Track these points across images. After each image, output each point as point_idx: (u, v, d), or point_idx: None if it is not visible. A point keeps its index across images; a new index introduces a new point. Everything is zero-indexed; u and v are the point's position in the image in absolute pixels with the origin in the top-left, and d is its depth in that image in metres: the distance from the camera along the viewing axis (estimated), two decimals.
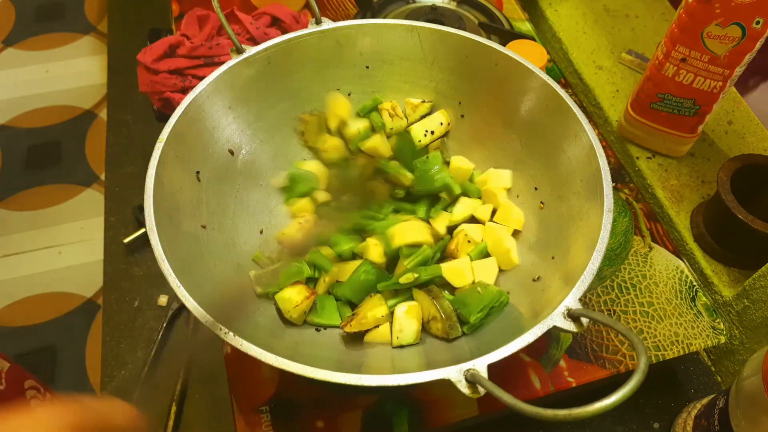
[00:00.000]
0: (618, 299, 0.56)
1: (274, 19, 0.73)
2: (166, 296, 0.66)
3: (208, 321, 0.39)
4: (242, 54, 0.52)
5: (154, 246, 0.41)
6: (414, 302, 0.49)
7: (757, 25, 0.53)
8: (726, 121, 0.72)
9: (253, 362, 0.36)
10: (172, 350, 0.62)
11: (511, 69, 0.53)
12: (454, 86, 0.58)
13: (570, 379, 0.51)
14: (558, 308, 0.38)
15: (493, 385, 0.34)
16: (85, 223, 1.44)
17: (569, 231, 0.48)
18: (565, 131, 0.50)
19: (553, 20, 0.85)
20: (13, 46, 1.81)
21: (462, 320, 0.47)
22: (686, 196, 0.67)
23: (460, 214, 0.54)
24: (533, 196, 0.53)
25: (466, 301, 0.47)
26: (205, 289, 0.42)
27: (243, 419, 0.49)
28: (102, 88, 1.70)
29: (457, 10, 0.81)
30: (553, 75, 0.76)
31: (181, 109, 0.49)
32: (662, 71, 0.62)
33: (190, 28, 0.71)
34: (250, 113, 0.55)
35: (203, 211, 0.50)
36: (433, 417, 0.50)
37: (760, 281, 0.54)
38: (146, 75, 0.67)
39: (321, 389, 0.50)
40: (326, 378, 0.36)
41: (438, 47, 0.56)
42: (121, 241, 0.70)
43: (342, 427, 0.49)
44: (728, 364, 0.60)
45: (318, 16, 0.55)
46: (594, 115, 0.78)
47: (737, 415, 0.45)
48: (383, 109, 0.58)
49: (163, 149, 0.47)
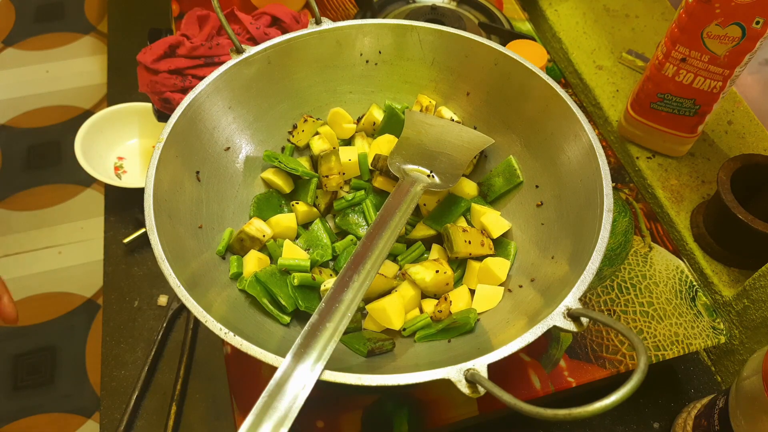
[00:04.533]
0: (618, 299, 0.56)
1: (274, 19, 0.73)
2: (166, 296, 0.66)
3: (209, 321, 0.39)
4: (242, 54, 0.52)
5: (154, 246, 0.41)
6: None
7: (757, 25, 0.53)
8: (726, 121, 0.72)
9: (253, 362, 0.36)
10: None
11: (511, 69, 0.53)
12: (454, 86, 0.58)
13: (570, 379, 0.51)
14: (558, 308, 0.38)
15: (493, 385, 0.34)
16: (85, 223, 1.44)
17: (569, 231, 0.48)
18: (565, 131, 0.50)
19: (553, 20, 0.85)
20: (13, 46, 1.81)
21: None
22: (686, 196, 0.67)
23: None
24: (533, 196, 0.53)
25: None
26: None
27: (243, 419, 0.49)
28: (102, 88, 1.70)
29: (457, 10, 0.81)
30: (553, 75, 0.76)
31: (181, 109, 0.49)
32: (662, 71, 0.62)
33: (190, 28, 0.71)
34: (250, 113, 0.55)
35: (203, 211, 0.50)
36: (433, 417, 0.50)
37: (760, 281, 0.54)
38: (146, 75, 0.67)
39: (321, 389, 0.50)
40: (326, 378, 0.37)
41: (438, 47, 0.56)
42: (121, 241, 0.70)
43: (342, 427, 0.49)
44: (728, 364, 0.60)
45: (318, 16, 0.55)
46: (594, 115, 0.78)
47: (737, 415, 0.45)
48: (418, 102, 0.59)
49: (163, 149, 0.47)
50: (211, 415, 0.59)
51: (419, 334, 0.48)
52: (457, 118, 0.58)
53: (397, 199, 0.48)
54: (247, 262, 0.50)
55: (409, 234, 0.55)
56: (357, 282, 0.42)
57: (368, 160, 0.57)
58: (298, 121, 0.58)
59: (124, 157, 0.78)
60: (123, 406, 0.59)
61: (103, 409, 0.59)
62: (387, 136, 0.58)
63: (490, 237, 0.53)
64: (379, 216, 0.46)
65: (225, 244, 0.50)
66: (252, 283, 0.47)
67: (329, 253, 0.53)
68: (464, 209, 0.55)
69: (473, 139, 0.56)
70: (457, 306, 0.49)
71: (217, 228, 0.51)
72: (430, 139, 0.55)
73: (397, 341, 0.48)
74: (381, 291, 0.50)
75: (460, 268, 0.53)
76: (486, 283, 0.50)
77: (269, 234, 0.52)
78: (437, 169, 0.53)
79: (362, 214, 0.55)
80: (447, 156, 0.54)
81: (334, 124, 0.59)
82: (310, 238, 0.54)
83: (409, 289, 0.49)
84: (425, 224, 0.54)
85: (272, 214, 0.54)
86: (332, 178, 0.54)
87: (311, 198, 0.55)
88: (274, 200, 0.56)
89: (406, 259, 0.53)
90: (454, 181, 0.52)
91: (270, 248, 0.52)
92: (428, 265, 0.49)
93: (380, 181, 0.56)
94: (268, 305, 0.47)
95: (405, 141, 0.55)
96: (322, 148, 0.56)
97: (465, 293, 0.50)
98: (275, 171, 0.56)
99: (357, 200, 0.55)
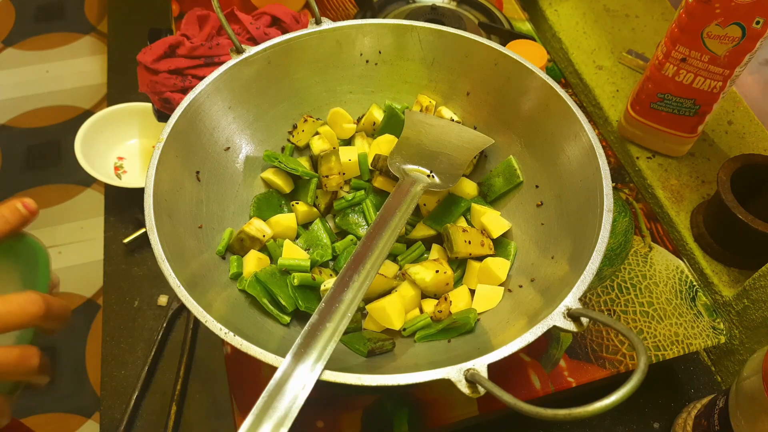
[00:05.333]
0: (618, 299, 0.56)
1: (274, 19, 0.73)
2: (166, 296, 0.66)
3: (209, 321, 0.39)
4: (242, 54, 0.52)
5: (154, 246, 0.41)
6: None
7: (757, 25, 0.53)
8: (726, 121, 0.72)
9: (253, 362, 0.36)
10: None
11: (511, 69, 0.53)
12: (454, 86, 0.58)
13: (570, 379, 0.51)
14: (558, 308, 0.38)
15: (493, 385, 0.34)
16: (85, 223, 1.45)
17: (569, 231, 0.48)
18: (565, 131, 0.50)
19: (553, 20, 0.85)
20: (13, 46, 1.81)
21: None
22: (686, 196, 0.67)
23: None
24: (533, 196, 0.53)
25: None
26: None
27: (243, 419, 0.49)
28: (102, 88, 1.71)
29: (457, 10, 0.81)
30: (553, 75, 0.76)
31: (181, 109, 0.49)
32: (662, 71, 0.62)
33: (190, 28, 0.71)
34: (250, 113, 0.55)
35: (203, 211, 0.50)
36: (433, 417, 0.50)
37: (760, 281, 0.54)
38: (146, 75, 0.67)
39: (321, 389, 0.50)
40: (326, 378, 0.37)
41: (438, 47, 0.56)
42: (121, 241, 0.70)
43: (342, 427, 0.49)
44: (728, 364, 0.60)
45: (318, 16, 0.55)
46: (594, 115, 0.78)
47: (737, 415, 0.45)
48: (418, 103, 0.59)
49: (163, 149, 0.47)
50: (211, 415, 0.59)
51: (419, 334, 0.48)
52: (457, 118, 0.58)
53: (397, 199, 0.48)
54: (247, 262, 0.50)
55: (409, 234, 0.55)
56: (357, 282, 0.42)
57: (368, 160, 0.57)
58: (298, 121, 0.58)
59: (124, 157, 0.78)
60: (123, 406, 0.59)
61: (103, 409, 0.59)
62: (387, 136, 0.58)
63: (490, 237, 0.53)
64: (379, 216, 0.46)
65: (225, 244, 0.50)
66: (252, 283, 0.47)
67: (329, 253, 0.53)
68: (464, 209, 0.55)
69: (473, 139, 0.56)
70: (457, 306, 0.49)
71: (217, 228, 0.51)
72: (430, 139, 0.55)
73: (397, 341, 0.48)
74: (381, 291, 0.50)
75: (460, 268, 0.53)
76: (486, 283, 0.50)
77: (269, 234, 0.52)
78: (437, 169, 0.53)
79: (362, 214, 0.55)
80: (447, 156, 0.54)
81: (334, 124, 0.59)
82: (310, 238, 0.54)
83: (409, 289, 0.49)
84: (425, 224, 0.54)
85: (272, 214, 0.54)
86: (332, 178, 0.54)
87: (311, 198, 0.55)
88: (274, 200, 0.56)
89: (406, 259, 0.53)
90: (454, 181, 0.52)
91: (270, 248, 0.52)
92: (428, 265, 0.49)
93: (380, 181, 0.56)
94: (268, 305, 0.47)
95: (405, 141, 0.55)
96: (322, 148, 0.56)
97: (465, 293, 0.50)
98: (275, 171, 0.56)
99: (357, 200, 0.55)
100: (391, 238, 0.45)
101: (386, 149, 0.57)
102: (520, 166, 0.54)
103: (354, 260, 0.43)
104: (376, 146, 0.57)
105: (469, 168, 0.58)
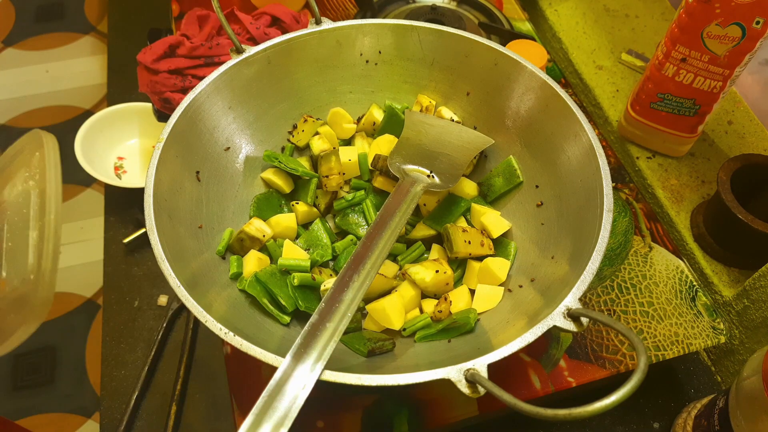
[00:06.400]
0: (618, 299, 0.56)
1: (274, 19, 0.73)
2: (166, 296, 0.66)
3: (209, 321, 0.39)
4: (242, 54, 0.52)
5: (154, 246, 0.41)
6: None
7: (757, 25, 0.53)
8: (726, 121, 0.72)
9: (253, 362, 0.36)
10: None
11: (511, 69, 0.53)
12: (454, 86, 0.58)
13: (570, 379, 0.51)
14: (558, 308, 0.38)
15: (493, 385, 0.34)
16: (85, 223, 1.44)
17: (569, 231, 0.48)
18: (565, 131, 0.50)
19: (553, 20, 0.85)
20: (13, 46, 1.81)
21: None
22: (686, 196, 0.67)
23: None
24: (533, 196, 0.53)
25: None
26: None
27: (243, 419, 0.49)
28: (102, 88, 1.70)
29: (457, 10, 0.81)
30: (553, 75, 0.76)
31: (181, 109, 0.49)
32: (662, 71, 0.62)
33: (190, 28, 0.71)
34: (250, 113, 0.55)
35: (203, 211, 0.50)
36: (433, 417, 0.50)
37: (760, 281, 0.54)
38: (146, 75, 0.67)
39: (321, 389, 0.50)
40: (326, 378, 0.37)
41: (438, 47, 0.56)
42: (121, 241, 0.70)
43: (342, 427, 0.49)
44: (728, 364, 0.60)
45: (318, 16, 0.55)
46: (594, 115, 0.78)
47: (737, 415, 0.45)
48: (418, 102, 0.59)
49: (163, 149, 0.47)
50: (211, 415, 0.59)
51: (419, 334, 0.48)
52: (457, 118, 0.58)
53: (397, 199, 0.48)
54: (247, 262, 0.50)
55: (409, 234, 0.55)
56: (357, 282, 0.42)
57: (368, 160, 0.57)
58: (298, 121, 0.58)
59: (124, 157, 0.78)
60: (123, 406, 0.59)
61: (103, 409, 0.59)
62: (387, 136, 0.58)
63: (490, 237, 0.53)
64: (379, 216, 0.46)
65: (225, 244, 0.50)
66: (252, 283, 0.47)
67: (329, 253, 0.53)
68: (464, 209, 0.55)
69: (473, 139, 0.56)
70: (457, 306, 0.49)
71: (217, 228, 0.51)
72: (430, 139, 0.55)
73: (397, 341, 0.48)
74: (381, 291, 0.50)
75: (460, 268, 0.53)
76: (486, 283, 0.50)
77: (269, 234, 0.52)
78: (437, 169, 0.53)
79: (362, 214, 0.55)
80: (447, 156, 0.54)
81: (334, 124, 0.59)
82: (310, 238, 0.54)
83: (409, 289, 0.49)
84: (425, 224, 0.54)
85: (272, 214, 0.54)
86: (332, 178, 0.54)
87: (311, 198, 0.55)
88: (274, 200, 0.56)
89: (406, 259, 0.53)
90: (454, 182, 0.52)
91: (270, 248, 0.52)
92: (428, 265, 0.49)
93: (380, 181, 0.56)
94: (268, 305, 0.47)
95: (405, 141, 0.55)
96: (322, 148, 0.56)
97: (465, 293, 0.50)
98: (275, 171, 0.56)
99: (357, 200, 0.55)
100: (391, 238, 0.45)
101: (386, 149, 0.57)
102: (520, 166, 0.54)
103: (354, 260, 0.43)
104: (376, 146, 0.57)
105: (469, 168, 0.58)
